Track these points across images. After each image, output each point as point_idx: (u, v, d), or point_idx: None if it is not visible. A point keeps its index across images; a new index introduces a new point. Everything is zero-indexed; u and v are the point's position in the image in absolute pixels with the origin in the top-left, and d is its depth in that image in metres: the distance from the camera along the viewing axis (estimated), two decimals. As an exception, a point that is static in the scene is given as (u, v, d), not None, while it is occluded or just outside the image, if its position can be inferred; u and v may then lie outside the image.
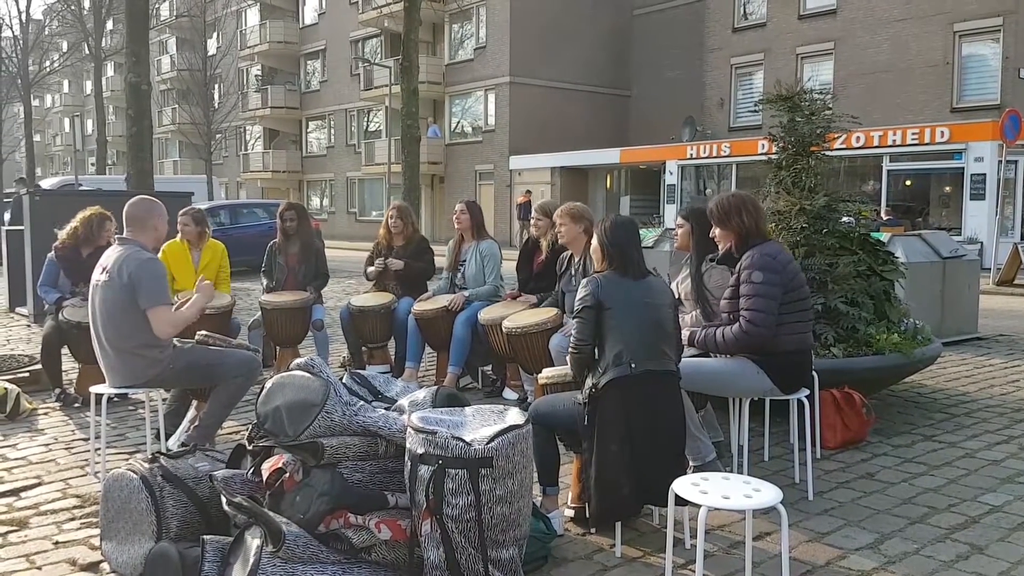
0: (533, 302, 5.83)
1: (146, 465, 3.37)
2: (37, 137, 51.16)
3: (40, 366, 6.32)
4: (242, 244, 15.02)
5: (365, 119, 37.55)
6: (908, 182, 21.98)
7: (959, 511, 3.91)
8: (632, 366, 3.39)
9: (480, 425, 3.00)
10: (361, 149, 36.13)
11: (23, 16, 37.30)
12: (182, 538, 3.22)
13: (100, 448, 4.48)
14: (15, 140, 48.42)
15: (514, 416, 3.04)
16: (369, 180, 36.73)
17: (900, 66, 22.64)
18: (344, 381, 3.45)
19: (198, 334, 4.73)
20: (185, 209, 6.74)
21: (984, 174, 19.22)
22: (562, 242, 5.45)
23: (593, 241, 3.83)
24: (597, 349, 3.54)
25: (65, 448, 5.01)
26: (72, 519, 3.86)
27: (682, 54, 29.56)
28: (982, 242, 18.43)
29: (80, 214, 6.27)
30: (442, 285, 6.57)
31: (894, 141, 20.70)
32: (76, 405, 5.93)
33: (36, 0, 66.50)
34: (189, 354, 4.46)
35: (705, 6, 27.80)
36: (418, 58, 16.66)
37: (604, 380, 3.40)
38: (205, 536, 3.01)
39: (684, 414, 3.64)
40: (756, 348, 3.95)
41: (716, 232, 4.25)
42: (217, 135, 34.20)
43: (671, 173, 26.52)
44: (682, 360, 3.92)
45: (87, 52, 34.35)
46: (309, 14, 40.26)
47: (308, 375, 3.23)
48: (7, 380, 6.02)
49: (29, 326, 9.82)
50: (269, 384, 3.31)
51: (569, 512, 3.78)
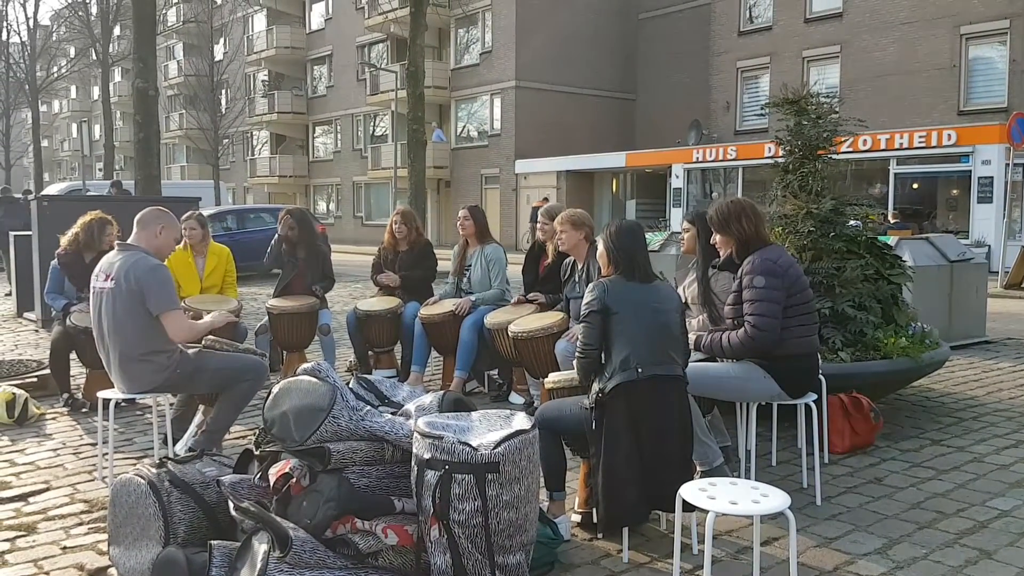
0: (541, 300, 5.82)
1: (154, 470, 3.37)
2: (45, 143, 51.45)
3: (48, 371, 6.34)
4: (249, 249, 15.05)
5: (371, 124, 37.64)
6: (915, 185, 21.93)
7: (968, 516, 3.90)
8: (639, 371, 3.38)
9: (487, 430, 3.00)
10: (367, 154, 36.20)
11: (31, 22, 37.57)
12: (189, 543, 3.22)
13: (108, 453, 4.50)
14: (23, 146, 48.63)
15: (521, 421, 3.04)
16: (375, 185, 36.82)
17: (907, 69, 22.60)
18: (351, 386, 3.46)
19: (205, 339, 4.73)
20: (188, 213, 6.75)
21: (991, 177, 19.17)
22: (563, 249, 5.44)
23: (599, 246, 3.83)
24: (604, 354, 3.53)
25: (73, 453, 5.02)
26: (80, 524, 3.87)
27: (688, 58, 29.58)
28: (990, 245, 18.37)
29: (80, 219, 6.26)
30: (448, 290, 6.57)
31: (901, 144, 20.66)
32: (84, 410, 5.94)
33: (44, 6, 66.98)
34: (196, 359, 4.46)
35: (711, 10, 27.80)
36: (424, 63, 16.69)
37: (611, 385, 3.39)
38: (212, 541, 3.00)
39: (691, 419, 3.63)
40: (762, 352, 3.95)
41: (716, 239, 4.25)
42: (224, 140, 34.33)
43: (677, 177, 26.51)
44: (689, 365, 3.92)
45: (94, 58, 34.52)
46: (316, 19, 40.39)
47: (315, 380, 3.23)
48: (15, 385, 6.03)
49: (37, 331, 9.86)
50: (276, 389, 3.31)
51: (576, 517, 3.78)
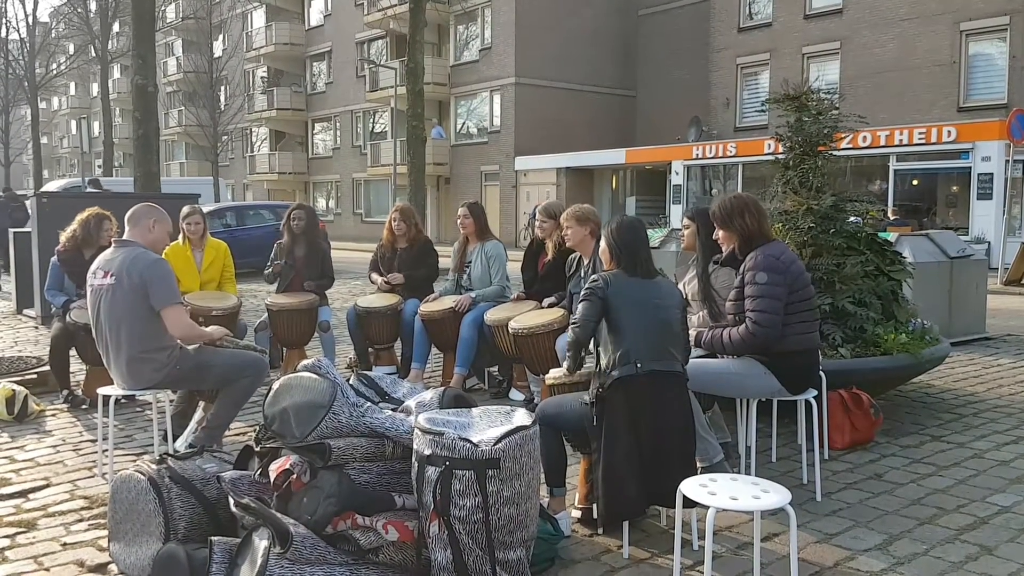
0: (552, 302, 5.79)
1: (154, 467, 3.37)
2: (44, 140, 51.37)
3: (48, 368, 6.34)
4: (248, 246, 15.07)
5: (371, 120, 37.60)
6: (915, 182, 21.93)
7: (968, 512, 3.90)
8: (638, 366, 3.38)
9: (487, 426, 3.00)
10: (367, 150, 36.16)
11: (30, 19, 37.54)
12: (190, 539, 3.22)
13: (108, 450, 4.49)
14: (22, 142, 48.55)
15: (521, 417, 3.04)
16: (375, 181, 36.78)
17: (906, 65, 22.57)
18: (351, 382, 3.46)
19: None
20: (190, 208, 6.74)
21: (991, 173, 19.16)
22: (570, 245, 5.43)
23: (602, 243, 3.84)
24: (603, 348, 3.53)
25: (73, 449, 5.02)
26: (80, 520, 3.87)
27: (688, 54, 29.54)
28: (989, 242, 18.36)
29: (78, 216, 6.27)
30: (448, 287, 6.56)
31: (901, 141, 20.65)
32: (84, 407, 5.94)
33: (43, 3, 66.81)
34: (196, 356, 4.46)
35: (710, 6, 27.76)
36: (424, 59, 16.67)
37: (610, 379, 3.39)
38: (213, 537, 3.00)
39: (692, 415, 3.62)
40: (763, 349, 3.94)
41: (719, 234, 4.24)
42: (224, 137, 34.29)
43: (677, 173, 26.50)
44: (689, 361, 3.92)
45: (93, 55, 34.46)
46: (315, 16, 40.32)
47: (315, 376, 3.23)
48: (15, 382, 6.03)
49: (37, 328, 9.85)
50: (276, 385, 3.31)
51: (576, 513, 3.78)
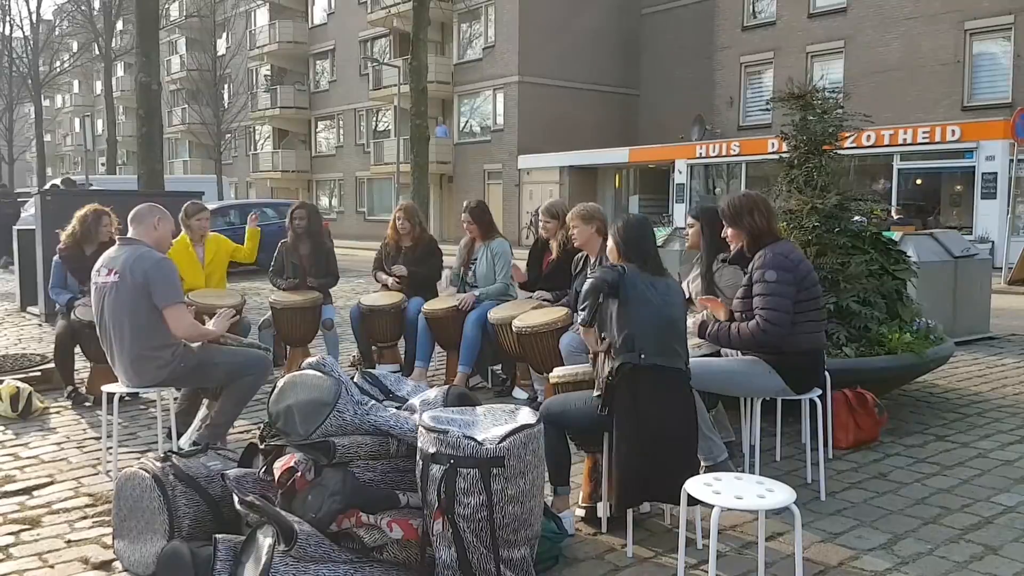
0: (548, 298, 5.80)
1: (158, 464, 3.38)
2: (48, 137, 51.39)
3: (52, 365, 6.35)
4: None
5: (374, 119, 37.60)
6: (919, 181, 21.89)
7: (972, 511, 3.89)
8: (642, 356, 3.38)
9: (492, 424, 3.00)
10: (370, 149, 36.17)
11: (33, 17, 37.48)
12: (194, 537, 3.22)
13: (112, 447, 4.50)
14: (26, 140, 48.62)
15: (526, 415, 3.04)
16: (378, 180, 36.78)
17: (911, 64, 22.54)
18: (355, 380, 3.46)
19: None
20: (201, 207, 6.75)
21: (995, 173, 19.12)
22: (577, 244, 5.43)
23: (609, 242, 3.84)
24: (611, 339, 3.51)
25: (77, 447, 5.03)
26: (84, 518, 3.87)
27: (691, 53, 29.50)
28: (993, 241, 18.33)
29: (76, 213, 6.27)
30: (452, 276, 6.54)
31: (905, 140, 20.61)
32: (87, 404, 5.95)
33: (47, 1, 66.81)
34: (200, 353, 4.46)
35: (714, 5, 27.73)
36: (427, 58, 16.65)
37: (615, 365, 3.39)
38: (217, 535, 3.01)
39: (696, 414, 3.61)
40: (771, 346, 3.93)
41: (728, 232, 4.23)
42: (227, 135, 34.30)
43: (680, 172, 26.48)
44: (692, 359, 3.91)
45: (97, 52, 34.48)
46: (318, 14, 40.33)
47: (319, 374, 3.23)
48: (19, 379, 6.04)
49: (41, 325, 9.86)
50: (281, 383, 3.31)
51: (580, 512, 3.77)
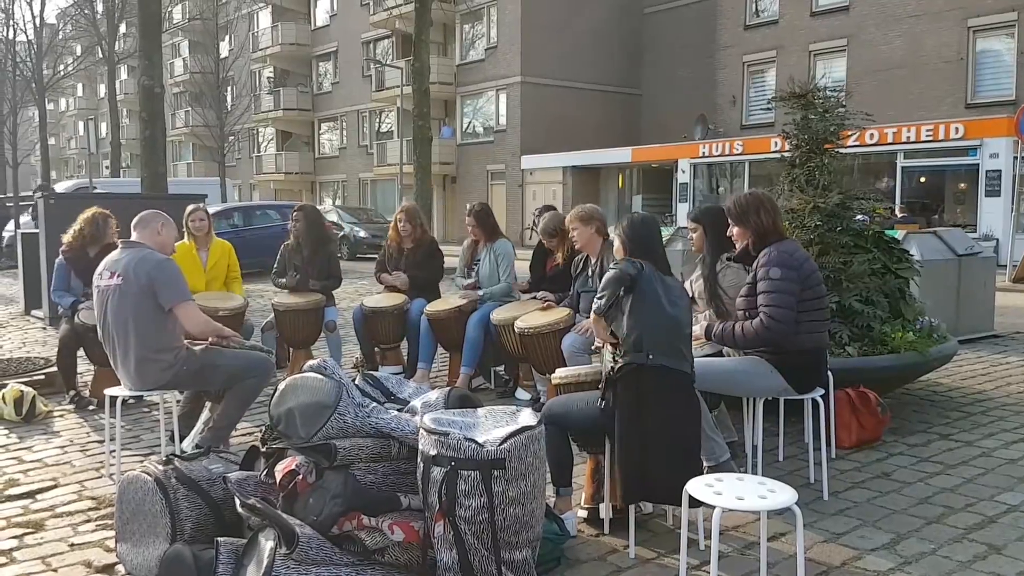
0: (551, 299, 5.79)
1: (160, 467, 3.37)
2: (52, 141, 51.35)
3: (55, 369, 6.35)
4: (255, 246, 15.07)
5: (377, 120, 37.64)
6: (923, 179, 21.85)
7: (976, 511, 3.88)
8: (649, 356, 3.37)
9: (493, 426, 3.00)
10: (373, 150, 36.22)
11: (37, 20, 37.48)
12: (196, 540, 3.22)
13: (115, 450, 4.51)
14: (30, 144, 48.67)
15: (527, 417, 3.03)
16: (381, 181, 36.83)
17: (914, 62, 22.50)
18: (357, 383, 3.46)
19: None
20: (195, 206, 6.77)
21: (999, 170, 19.08)
22: (578, 247, 5.43)
23: (615, 242, 3.82)
24: (618, 334, 3.51)
25: (80, 450, 5.03)
26: (88, 521, 3.88)
27: (693, 52, 29.49)
28: (997, 239, 18.29)
29: (82, 215, 6.29)
30: (459, 269, 6.56)
31: (908, 138, 20.58)
32: (90, 407, 5.96)
33: (50, 4, 66.90)
34: (203, 356, 4.47)
35: (716, 4, 27.72)
36: (429, 59, 16.68)
37: (621, 363, 3.39)
38: (219, 538, 3.00)
39: (699, 416, 3.61)
40: (775, 345, 3.92)
41: (734, 231, 4.22)
42: (231, 137, 34.34)
43: (683, 172, 26.47)
44: (695, 360, 3.90)
45: (100, 56, 34.53)
46: (320, 16, 40.40)
47: (321, 377, 3.23)
48: (23, 383, 6.05)
49: (44, 328, 9.88)
50: (282, 386, 3.31)
51: (582, 513, 3.77)
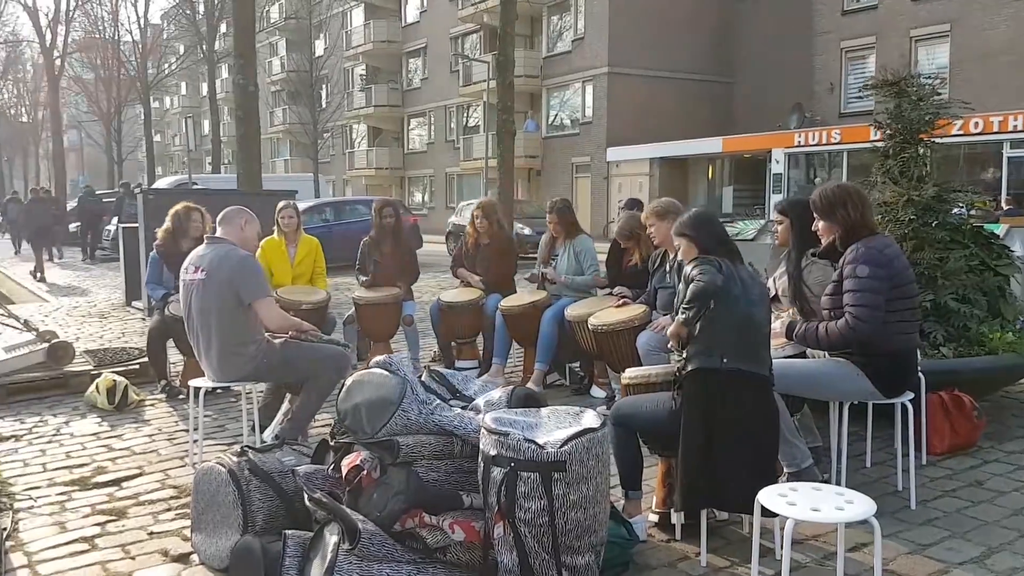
0: (627, 295, 5.69)
1: (234, 459, 3.45)
2: (158, 137, 53.65)
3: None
4: (346, 239, 15.34)
5: (464, 115, 37.91)
6: (1031, 169, 20.70)
7: (1079, 526, 3.63)
8: (723, 360, 3.25)
9: (555, 427, 2.94)
10: (459, 145, 36.49)
11: (141, 21, 39.16)
12: (268, 532, 3.27)
13: (198, 440, 4.64)
14: (136, 140, 50.87)
15: (590, 419, 2.97)
16: (467, 175, 37.08)
17: (1020, 48, 21.29)
18: (423, 379, 3.45)
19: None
20: (284, 203, 6.91)
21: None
22: (656, 243, 5.32)
23: (679, 241, 3.65)
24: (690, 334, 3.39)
25: (168, 439, 5.20)
26: (168, 510, 3.99)
27: (789, 38, 28.59)
28: (1114, 233, 17.15)
29: (170, 211, 6.51)
30: (537, 264, 6.51)
31: (1015, 127, 19.49)
32: (180, 397, 6.14)
33: (153, 5, 69.58)
34: (282, 350, 4.56)
35: (812, -11, 26.85)
36: (514, 52, 16.67)
37: (690, 367, 3.28)
38: (287, 531, 3.05)
39: (776, 421, 3.46)
40: (860, 347, 3.74)
41: (819, 225, 4.04)
42: (325, 134, 35.10)
43: (777, 162, 25.72)
44: (775, 361, 3.75)
45: (201, 55, 35.79)
46: (411, 12, 40.87)
47: (386, 373, 3.24)
48: (117, 372, 6.30)
49: (143, 320, 10.27)
50: (349, 381, 3.34)
51: (653, 517, 3.68)
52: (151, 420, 5.65)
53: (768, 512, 2.77)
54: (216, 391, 5.79)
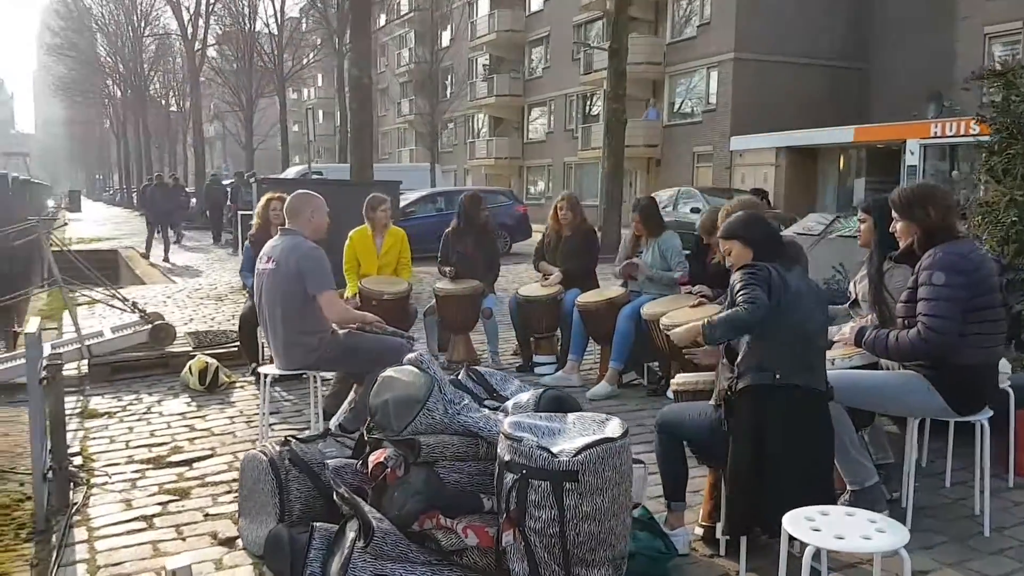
0: (707, 294, 5.50)
1: (276, 448, 3.52)
2: (295, 127, 55.78)
3: (242, 342, 6.87)
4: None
5: (584, 104, 37.66)
6: None
7: None
8: (776, 376, 3.08)
9: (578, 434, 2.86)
10: (578, 134, 36.29)
11: (279, 15, 40.78)
12: (303, 521, 3.32)
13: (267, 424, 4.78)
14: (271, 129, 53.11)
15: (613, 428, 2.87)
16: (586, 165, 36.83)
17: None
18: (460, 377, 3.43)
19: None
20: (380, 198, 6.98)
21: None
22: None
23: (727, 244, 3.40)
24: (739, 347, 3.24)
25: (246, 422, 5.39)
26: (228, 492, 4.12)
27: (928, 23, 26.92)
28: None
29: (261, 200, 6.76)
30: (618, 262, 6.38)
31: None
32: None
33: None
34: (345, 340, 4.66)
35: (955, -30, 25.18)
36: (627, 40, 16.37)
37: (740, 385, 3.12)
38: (315, 523, 3.09)
39: (831, 438, 3.25)
40: (933, 359, 3.48)
41: (896, 226, 3.78)
42: (449, 124, 35.60)
43: (912, 153, 24.29)
44: (841, 371, 3.54)
45: (334, 49, 36.95)
46: (535, 1, 40.88)
47: (416, 371, 3.23)
48: (212, 354, 6.59)
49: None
50: (380, 378, 3.36)
51: (698, 531, 3.53)
52: (236, 402, 5.87)
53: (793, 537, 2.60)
54: (302, 376, 5.98)
